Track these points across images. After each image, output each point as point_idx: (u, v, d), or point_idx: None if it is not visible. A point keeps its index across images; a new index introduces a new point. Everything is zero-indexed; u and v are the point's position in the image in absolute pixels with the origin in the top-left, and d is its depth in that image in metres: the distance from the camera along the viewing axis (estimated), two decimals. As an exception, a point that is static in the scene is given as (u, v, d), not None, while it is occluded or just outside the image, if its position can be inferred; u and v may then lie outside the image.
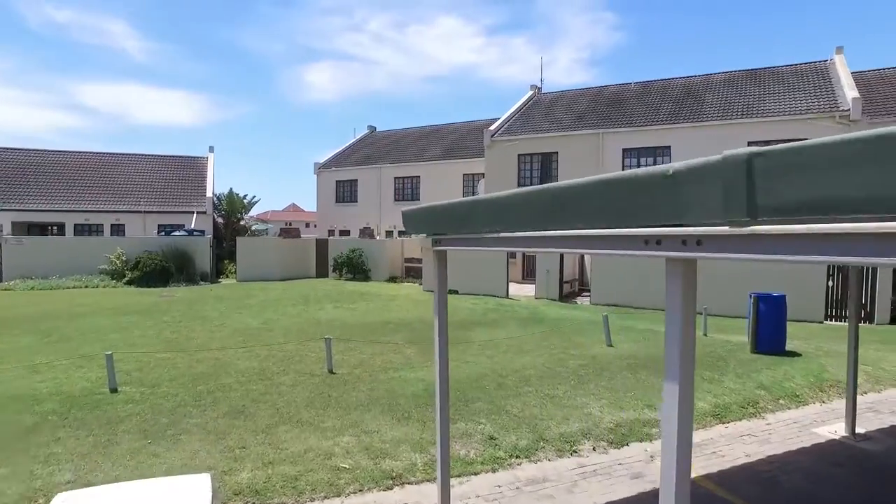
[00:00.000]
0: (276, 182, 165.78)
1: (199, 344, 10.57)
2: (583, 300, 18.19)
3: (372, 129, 41.14)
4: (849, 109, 17.90)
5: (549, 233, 2.45)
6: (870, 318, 13.95)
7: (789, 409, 7.20)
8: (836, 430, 6.28)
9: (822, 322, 14.14)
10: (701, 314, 12.22)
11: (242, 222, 34.68)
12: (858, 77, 20.64)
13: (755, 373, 8.63)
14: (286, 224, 66.88)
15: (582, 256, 20.67)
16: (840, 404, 7.00)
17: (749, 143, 19.43)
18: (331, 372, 8.37)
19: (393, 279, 24.03)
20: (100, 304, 16.16)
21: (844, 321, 14.23)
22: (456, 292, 19.30)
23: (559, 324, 13.30)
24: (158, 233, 27.57)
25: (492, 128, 25.00)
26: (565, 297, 18.39)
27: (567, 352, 10.00)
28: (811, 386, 8.10)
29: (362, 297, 17.79)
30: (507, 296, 18.50)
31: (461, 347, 10.19)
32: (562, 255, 17.99)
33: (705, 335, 11.59)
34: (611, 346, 10.50)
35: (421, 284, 21.88)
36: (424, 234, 3.80)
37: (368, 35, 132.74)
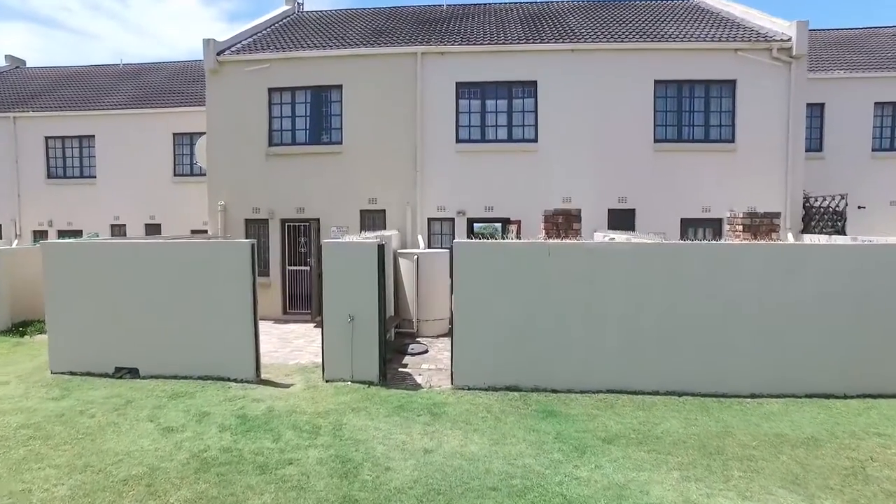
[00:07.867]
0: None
1: None
2: (409, 373, 8.69)
3: (17, 62, 25.04)
4: (790, 39, 11.90)
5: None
6: None
7: None
8: None
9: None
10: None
11: None
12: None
13: None
14: None
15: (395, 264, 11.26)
16: None
17: (656, 82, 12.27)
18: None
19: (20, 329, 11.25)
20: None
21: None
22: (136, 373, 7.98)
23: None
24: None
25: (220, 40, 13.75)
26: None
27: None
28: None
29: None
30: (257, 376, 7.89)
31: None
32: (380, 270, 8.17)
33: None
34: None
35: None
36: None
37: (79, 2, 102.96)
